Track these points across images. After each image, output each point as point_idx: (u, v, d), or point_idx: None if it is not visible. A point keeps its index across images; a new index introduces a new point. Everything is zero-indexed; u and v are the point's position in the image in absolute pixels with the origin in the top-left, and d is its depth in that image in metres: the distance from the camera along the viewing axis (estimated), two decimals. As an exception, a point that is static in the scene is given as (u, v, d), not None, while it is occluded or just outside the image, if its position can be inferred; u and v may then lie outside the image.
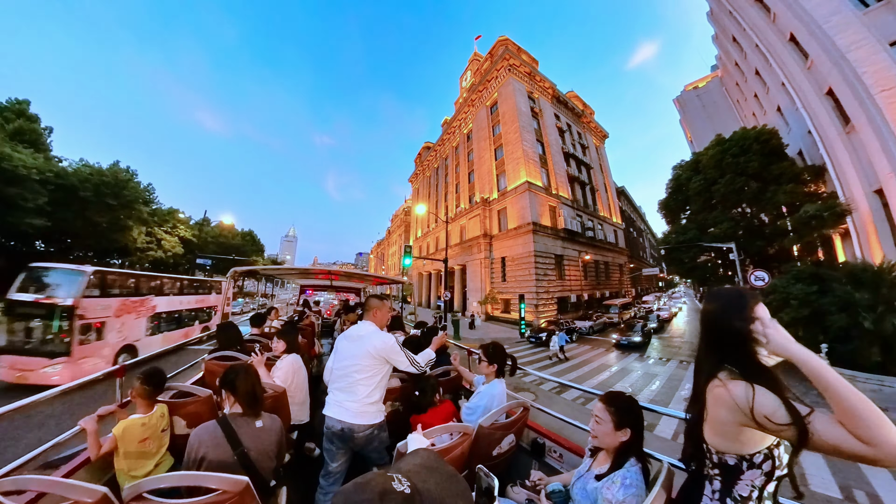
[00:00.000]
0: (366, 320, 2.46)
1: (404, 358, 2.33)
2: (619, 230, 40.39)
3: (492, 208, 33.23)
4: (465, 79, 48.12)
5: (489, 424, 2.05)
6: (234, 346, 3.44)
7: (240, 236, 40.73)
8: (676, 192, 19.70)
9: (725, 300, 1.08)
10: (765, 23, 15.02)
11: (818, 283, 11.94)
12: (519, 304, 23.04)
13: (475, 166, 37.27)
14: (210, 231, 35.81)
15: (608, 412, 1.43)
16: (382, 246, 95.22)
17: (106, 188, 21.30)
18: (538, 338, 18.43)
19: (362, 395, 2.22)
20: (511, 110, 31.27)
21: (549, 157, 32.41)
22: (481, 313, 30.96)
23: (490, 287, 31.51)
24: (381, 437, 2.31)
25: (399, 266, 66.12)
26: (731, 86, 25.24)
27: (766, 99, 18.91)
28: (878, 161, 10.97)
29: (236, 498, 1.35)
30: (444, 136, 46.79)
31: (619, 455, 1.42)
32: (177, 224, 32.11)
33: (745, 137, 15.76)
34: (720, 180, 16.36)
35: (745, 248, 15.99)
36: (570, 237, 30.65)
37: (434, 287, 44.84)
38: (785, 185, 14.59)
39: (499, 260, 31.42)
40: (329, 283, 8.61)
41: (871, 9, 11.08)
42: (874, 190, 11.65)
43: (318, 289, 11.01)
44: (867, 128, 11.00)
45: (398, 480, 0.73)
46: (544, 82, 35.35)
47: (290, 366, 2.99)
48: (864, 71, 10.79)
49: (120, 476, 1.93)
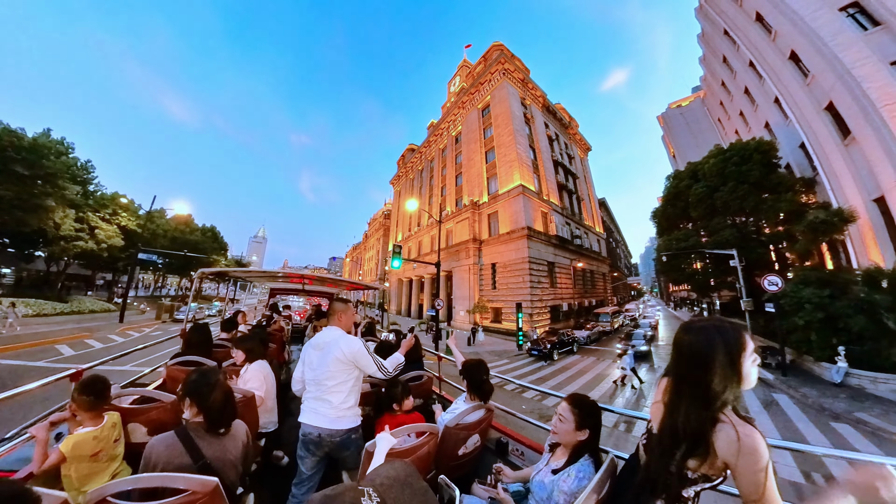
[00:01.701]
0: (331, 325, 2.48)
1: (372, 362, 2.35)
2: (602, 240, 42.02)
3: (482, 212, 32.76)
4: (453, 84, 48.32)
5: (454, 425, 2.19)
6: (203, 350, 3.32)
7: (199, 231, 35.83)
8: (675, 199, 20.48)
9: (729, 336, 1.05)
10: (765, 41, 16.27)
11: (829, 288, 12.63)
12: (516, 314, 22.10)
13: (464, 169, 36.87)
14: (163, 223, 31.00)
15: (572, 413, 1.59)
16: (359, 250, 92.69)
17: (15, 153, 17.28)
18: (540, 350, 17.24)
19: (337, 402, 2.24)
20: (505, 113, 31.45)
21: (540, 163, 32.90)
22: (469, 323, 29.88)
23: (479, 295, 30.65)
24: (357, 442, 2.31)
25: (377, 271, 63.31)
26: (715, 105, 27.54)
27: (754, 116, 20.53)
28: (881, 171, 11.88)
29: (206, 499, 1.36)
30: (430, 138, 46.18)
31: (575, 451, 1.58)
32: (118, 211, 27.25)
33: (746, 148, 16.73)
34: (722, 188, 17.16)
35: (746, 254, 16.74)
36: (561, 244, 30.97)
37: (415, 294, 43.13)
38: (784, 193, 15.56)
39: (489, 266, 30.76)
40: (301, 288, 8.40)
41: (871, 31, 12.22)
42: (873, 198, 12.62)
43: (290, 293, 10.58)
44: (871, 139, 11.92)
45: (368, 496, 0.76)
46: (536, 90, 36.28)
47: (259, 373, 2.93)
48: (868, 86, 11.74)
49: (69, 490, 1.78)
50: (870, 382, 10.74)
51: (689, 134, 34.55)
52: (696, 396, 1.04)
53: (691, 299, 44.56)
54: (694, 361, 1.06)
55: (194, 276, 4.78)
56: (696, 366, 1.06)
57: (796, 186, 16.12)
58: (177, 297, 35.68)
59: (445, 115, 42.88)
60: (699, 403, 1.03)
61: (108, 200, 26.69)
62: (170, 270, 28.57)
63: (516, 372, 14.54)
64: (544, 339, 18.82)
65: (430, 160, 46.02)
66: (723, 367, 1.01)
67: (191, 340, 3.40)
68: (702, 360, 1.04)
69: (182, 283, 45.38)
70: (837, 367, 11.43)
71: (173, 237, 31.35)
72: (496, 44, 35.35)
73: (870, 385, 10.75)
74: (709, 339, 1.04)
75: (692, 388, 1.06)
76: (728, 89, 22.96)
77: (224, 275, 6.59)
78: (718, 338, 1.03)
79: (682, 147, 34.87)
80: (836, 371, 11.42)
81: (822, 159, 14.81)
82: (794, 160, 17.17)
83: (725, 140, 25.57)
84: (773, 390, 11.67)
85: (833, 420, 8.96)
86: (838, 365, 11.43)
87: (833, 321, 12.16)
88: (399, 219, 52.56)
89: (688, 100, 37.30)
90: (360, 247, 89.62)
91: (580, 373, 14.61)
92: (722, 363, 1.01)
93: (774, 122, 18.31)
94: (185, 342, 3.47)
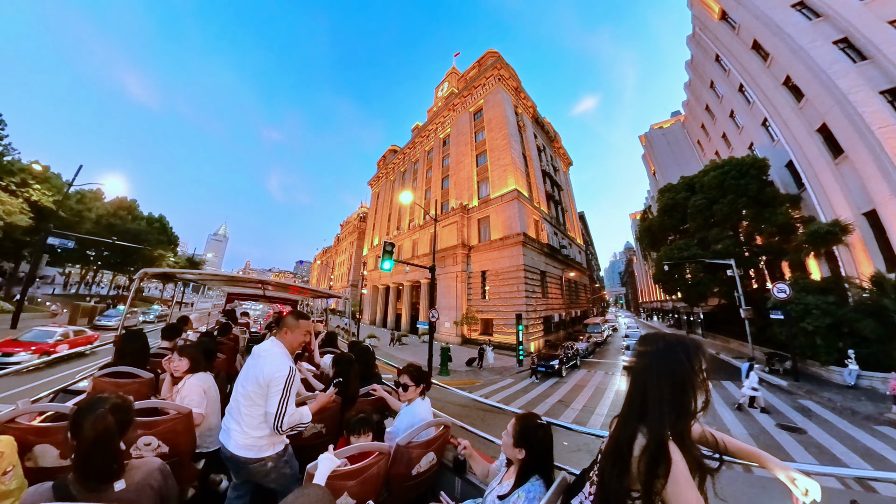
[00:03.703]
0: (274, 338, 2.32)
1: (277, 402, 2.05)
2: (582, 251, 43.78)
3: (471, 216, 32.27)
4: (441, 89, 48.48)
5: (406, 443, 2.14)
6: (137, 360, 3.12)
7: (144, 220, 30.21)
8: (672, 211, 21.64)
9: (689, 348, 1.07)
10: (759, 67, 18.09)
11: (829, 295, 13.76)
12: (516, 326, 21.13)
13: (451, 171, 36.45)
14: (98, 206, 25.51)
15: (513, 429, 1.62)
16: (329, 254, 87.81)
17: None
18: (549, 367, 15.57)
19: (246, 426, 2.07)
20: (500, 117, 31.80)
21: (531, 170, 33.56)
22: (456, 335, 28.64)
23: (467, 305, 29.65)
24: (280, 471, 2.17)
25: (349, 277, 59.59)
26: (695, 128, 30.40)
27: (738, 138, 22.72)
28: (874, 186, 13.32)
29: None
30: (415, 139, 45.45)
31: (522, 471, 1.57)
32: (28, 181, 21.95)
33: (742, 164, 18.20)
34: (722, 200, 18.39)
35: (743, 264, 17.92)
36: (551, 253, 31.42)
37: (392, 304, 40.98)
38: (779, 206, 17.01)
39: (478, 274, 30.05)
40: (262, 293, 7.97)
41: (862, 63, 13.96)
42: (863, 212, 14.12)
43: (249, 298, 10.10)
44: (865, 157, 13.38)
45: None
46: (528, 100, 37.46)
47: (199, 386, 2.68)
48: (864, 111, 13.26)
49: None
50: (881, 383, 11.55)
51: (670, 153, 38.03)
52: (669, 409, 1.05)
53: (664, 310, 47.79)
54: (669, 372, 1.07)
55: (137, 276, 4.17)
56: (668, 376, 1.07)
57: (785, 202, 17.79)
58: (108, 297, 29.54)
59: (433, 117, 42.56)
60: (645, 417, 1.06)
61: (19, 170, 21.51)
62: (107, 265, 23.65)
63: (529, 395, 12.69)
64: (547, 353, 17.63)
65: (413, 162, 45.09)
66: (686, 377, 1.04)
67: (123, 349, 3.16)
68: (671, 368, 1.06)
69: (117, 280, 38.12)
70: (849, 369, 12.26)
71: (109, 223, 26.00)
72: (491, 51, 36.13)
73: (881, 386, 11.54)
74: (679, 349, 1.08)
75: (662, 401, 1.07)
76: (712, 113, 25.39)
77: (171, 277, 5.73)
78: (685, 347, 1.07)
79: (664, 165, 38.23)
80: (849, 373, 12.23)
81: (810, 177, 16.46)
82: (780, 178, 19.02)
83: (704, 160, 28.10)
84: (797, 396, 12.08)
85: (875, 423, 9.32)
86: (850, 367, 12.27)
87: (838, 326, 13.20)
88: (377, 221, 50.41)
89: (669, 122, 41.41)
90: (332, 251, 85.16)
91: (599, 391, 13.41)
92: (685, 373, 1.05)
93: (760, 143, 20.31)
94: (117, 351, 3.21)
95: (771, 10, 16.14)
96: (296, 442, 2.53)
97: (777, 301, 14.36)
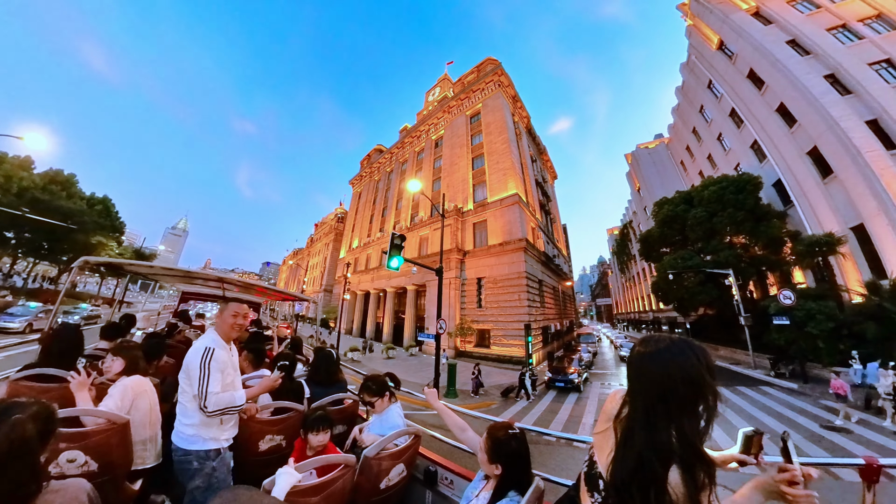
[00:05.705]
0: (210, 327, 2.38)
1: (198, 380, 2.03)
2: (568, 262, 45.51)
3: (466, 220, 32.07)
4: (433, 94, 48.76)
5: (375, 454, 2.07)
6: (66, 361, 2.78)
7: (83, 200, 25.19)
8: (671, 223, 23.22)
9: (697, 352, 1.03)
10: (753, 94, 20.41)
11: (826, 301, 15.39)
12: (525, 337, 20.61)
13: (444, 174, 36.26)
14: (20, 176, 20.73)
15: (485, 444, 1.56)
16: (301, 256, 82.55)
17: None
18: (567, 381, 14.77)
19: (181, 415, 2.12)
20: (499, 121, 32.47)
21: (526, 178, 34.47)
22: (449, 347, 27.65)
23: (461, 315, 28.87)
24: (205, 474, 2.04)
25: (322, 280, 55.63)
26: (680, 150, 33.51)
27: (724, 159, 25.29)
28: (863, 203, 15.32)
29: None
30: (403, 140, 44.82)
31: (499, 487, 1.52)
32: None
33: (739, 180, 20.13)
34: (721, 212, 20.10)
35: (741, 274, 19.56)
36: (546, 262, 32.09)
37: (371, 311, 38.91)
38: (772, 220, 18.96)
39: (473, 281, 29.63)
40: (221, 294, 7.57)
41: (848, 96, 16.29)
42: (850, 226, 16.15)
43: (206, 299, 9.64)
44: (855, 177, 15.40)
45: None
46: (523, 110, 38.88)
47: (129, 390, 2.34)
48: (853, 136, 15.36)
49: None
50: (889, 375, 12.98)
51: (656, 172, 41.53)
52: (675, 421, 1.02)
53: (642, 321, 50.84)
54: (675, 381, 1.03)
55: (75, 265, 3.74)
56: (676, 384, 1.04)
57: (776, 217, 19.93)
58: (24, 290, 23.93)
59: (425, 119, 42.40)
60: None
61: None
62: (32, 252, 19.38)
63: (560, 415, 11.39)
64: (560, 366, 16.82)
65: (401, 162, 44.27)
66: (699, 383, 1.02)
67: (51, 349, 2.91)
68: (680, 375, 1.02)
69: (39, 270, 31.23)
70: (855, 369, 13.65)
71: (34, 198, 21.45)
72: (490, 58, 37.22)
73: (884, 383, 12.97)
74: (689, 352, 1.04)
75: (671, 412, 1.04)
76: (699, 135, 28.16)
77: (119, 268, 5.09)
78: (695, 351, 1.04)
79: (649, 183, 41.64)
80: (855, 373, 13.60)
81: (798, 195, 18.62)
82: (766, 197, 21.35)
83: (686, 180, 30.93)
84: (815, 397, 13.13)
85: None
86: (855, 367, 13.65)
87: (839, 329, 14.75)
88: (357, 222, 48.26)
89: (653, 143, 45.48)
90: (304, 252, 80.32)
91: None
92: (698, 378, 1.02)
93: (747, 164, 22.74)
94: (43, 350, 2.98)
95: (770, 43, 18.49)
96: (251, 455, 2.41)
97: (782, 307, 15.74)
